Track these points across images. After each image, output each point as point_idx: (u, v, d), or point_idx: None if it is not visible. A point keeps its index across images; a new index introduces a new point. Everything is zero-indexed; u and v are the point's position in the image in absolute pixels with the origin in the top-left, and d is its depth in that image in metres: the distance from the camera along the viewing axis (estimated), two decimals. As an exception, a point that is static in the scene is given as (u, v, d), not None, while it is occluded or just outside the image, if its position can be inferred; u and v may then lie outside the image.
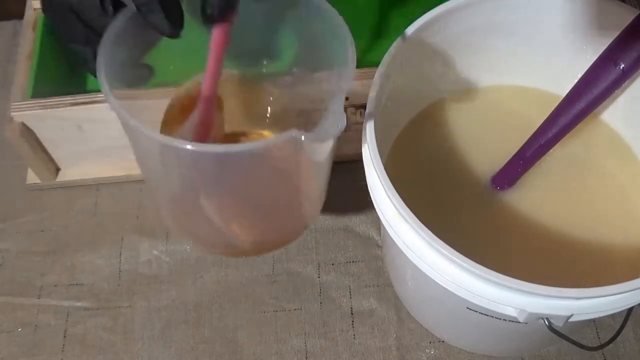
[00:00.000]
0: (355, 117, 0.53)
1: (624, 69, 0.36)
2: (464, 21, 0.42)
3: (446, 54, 0.44)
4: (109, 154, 0.55)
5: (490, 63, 0.46)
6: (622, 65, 0.36)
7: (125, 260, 0.53)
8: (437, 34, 0.42)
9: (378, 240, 0.53)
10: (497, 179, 0.43)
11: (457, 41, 0.44)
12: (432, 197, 0.43)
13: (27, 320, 0.50)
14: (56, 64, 0.58)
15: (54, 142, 0.53)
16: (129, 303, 0.51)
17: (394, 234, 0.36)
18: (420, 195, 0.42)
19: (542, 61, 0.46)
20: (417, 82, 0.45)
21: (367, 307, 0.50)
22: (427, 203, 0.41)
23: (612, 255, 0.41)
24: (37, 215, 0.55)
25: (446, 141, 0.46)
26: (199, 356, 0.49)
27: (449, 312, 0.43)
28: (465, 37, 0.44)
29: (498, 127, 0.46)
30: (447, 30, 0.42)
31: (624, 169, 0.44)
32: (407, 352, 0.48)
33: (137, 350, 0.49)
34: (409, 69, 0.42)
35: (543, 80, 0.47)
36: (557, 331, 0.34)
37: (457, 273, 0.34)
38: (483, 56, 0.45)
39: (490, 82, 0.47)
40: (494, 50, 0.45)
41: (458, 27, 0.43)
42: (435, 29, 0.42)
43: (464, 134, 0.46)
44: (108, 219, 0.55)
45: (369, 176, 0.38)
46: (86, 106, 0.50)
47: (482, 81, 0.47)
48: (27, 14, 0.56)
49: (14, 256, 0.53)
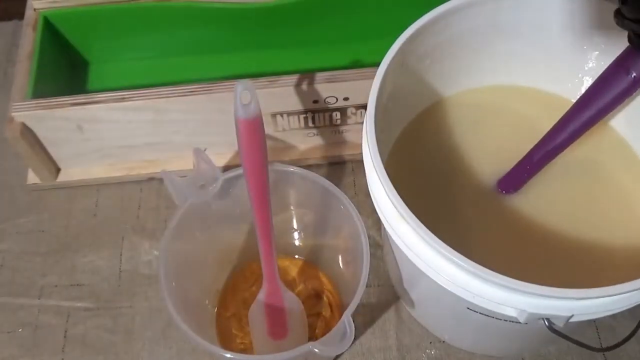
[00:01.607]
0: (355, 117, 0.53)
1: (636, 78, 0.36)
2: (466, 21, 0.42)
3: (447, 54, 0.44)
4: (110, 154, 0.55)
5: (491, 63, 0.46)
6: (633, 73, 0.36)
7: (126, 261, 0.53)
8: (439, 34, 0.42)
9: (379, 240, 0.53)
10: (503, 183, 0.43)
11: (458, 41, 0.43)
12: (433, 197, 0.43)
13: (28, 320, 0.50)
14: (56, 64, 0.58)
15: (54, 142, 0.53)
16: (129, 303, 0.51)
17: (394, 234, 0.36)
18: (421, 195, 0.42)
19: (543, 61, 0.45)
20: (418, 82, 0.44)
21: (368, 307, 0.50)
22: (427, 204, 0.41)
23: (613, 256, 0.41)
24: (37, 215, 0.55)
25: (447, 142, 0.45)
26: (200, 357, 0.49)
27: (449, 312, 0.43)
28: (467, 38, 0.43)
29: (500, 127, 0.46)
30: (448, 30, 0.42)
31: (627, 171, 0.44)
32: (408, 353, 0.48)
33: (138, 350, 0.49)
34: (410, 69, 0.42)
35: (544, 81, 0.47)
36: (558, 331, 0.34)
37: (457, 273, 0.34)
38: (484, 56, 0.45)
39: (492, 82, 0.47)
40: (495, 50, 0.45)
41: (460, 27, 0.42)
42: (437, 29, 0.42)
43: (465, 135, 0.46)
44: (108, 220, 0.55)
45: (369, 176, 0.38)
46: (86, 106, 0.50)
47: (484, 81, 0.47)
48: (27, 14, 0.56)
49: (14, 256, 0.53)
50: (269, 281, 0.44)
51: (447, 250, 0.33)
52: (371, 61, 0.50)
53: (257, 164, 0.37)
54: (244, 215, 0.46)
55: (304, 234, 0.50)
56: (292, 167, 0.44)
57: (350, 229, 0.43)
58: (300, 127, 0.53)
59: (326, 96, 0.51)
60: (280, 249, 0.44)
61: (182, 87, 0.50)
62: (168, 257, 0.42)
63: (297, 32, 0.60)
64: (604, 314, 0.34)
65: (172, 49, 0.61)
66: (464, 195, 0.43)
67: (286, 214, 0.49)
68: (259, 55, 0.61)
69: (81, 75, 0.61)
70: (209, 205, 0.44)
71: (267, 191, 0.39)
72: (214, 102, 0.50)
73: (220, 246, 0.48)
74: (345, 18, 0.59)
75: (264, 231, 0.41)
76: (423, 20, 0.40)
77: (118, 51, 0.61)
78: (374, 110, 0.37)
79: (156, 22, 0.58)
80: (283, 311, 0.46)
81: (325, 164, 0.56)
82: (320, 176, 0.44)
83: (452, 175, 0.44)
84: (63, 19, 0.57)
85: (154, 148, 0.54)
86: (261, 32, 0.59)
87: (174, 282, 0.42)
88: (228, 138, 0.53)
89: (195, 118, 0.52)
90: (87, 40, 0.59)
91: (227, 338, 0.48)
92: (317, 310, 0.49)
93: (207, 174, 0.43)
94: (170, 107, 0.50)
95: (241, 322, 0.48)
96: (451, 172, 0.44)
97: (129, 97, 0.50)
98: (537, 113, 0.46)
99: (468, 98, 0.47)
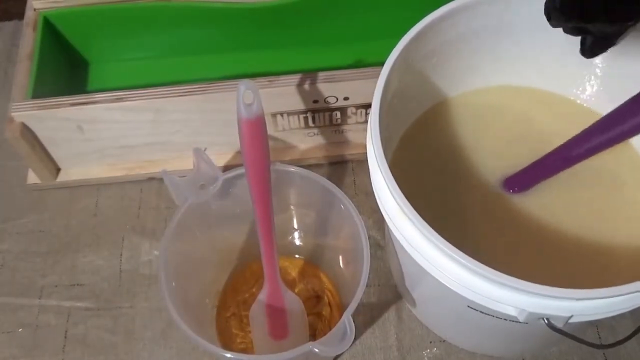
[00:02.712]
0: (356, 117, 0.53)
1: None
2: (473, 20, 0.42)
3: (454, 53, 0.44)
4: (110, 154, 0.55)
5: (498, 64, 0.46)
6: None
7: (126, 261, 0.53)
8: (445, 32, 0.42)
9: (379, 240, 0.53)
10: (511, 183, 0.43)
11: (464, 41, 0.43)
12: (437, 196, 0.43)
13: (28, 320, 0.50)
14: (56, 64, 0.58)
15: (54, 142, 0.53)
16: (129, 303, 0.51)
17: (397, 233, 0.36)
18: (426, 194, 0.42)
19: (549, 62, 0.45)
20: (423, 81, 0.44)
21: (368, 307, 0.50)
22: (431, 202, 0.41)
23: (616, 260, 0.40)
24: (37, 215, 0.55)
25: (452, 141, 0.45)
26: (200, 356, 0.49)
27: (451, 311, 0.43)
28: (473, 37, 0.43)
29: (505, 127, 0.46)
30: (454, 29, 0.42)
31: (633, 175, 0.44)
32: (408, 352, 0.48)
33: (138, 350, 0.49)
34: (416, 68, 0.42)
35: (551, 82, 0.46)
36: (559, 329, 0.34)
37: (458, 271, 0.34)
38: (490, 56, 0.45)
39: (498, 82, 0.47)
40: (501, 50, 0.45)
41: (466, 27, 0.42)
42: (443, 28, 0.41)
43: (470, 134, 0.45)
44: (109, 219, 0.55)
45: (373, 174, 0.38)
46: (86, 106, 0.50)
47: (490, 81, 0.47)
48: (27, 14, 0.56)
49: (14, 257, 0.53)
50: (269, 281, 0.44)
51: (449, 247, 0.33)
52: (372, 61, 0.50)
53: (259, 163, 0.37)
54: (244, 215, 0.46)
55: (304, 233, 0.50)
56: (292, 167, 0.44)
57: (351, 228, 0.43)
58: (300, 126, 0.53)
59: (326, 96, 0.51)
60: (281, 248, 0.44)
61: (182, 87, 0.50)
62: (168, 257, 0.42)
63: (298, 32, 0.60)
64: (603, 315, 0.34)
65: (172, 49, 0.61)
66: (468, 194, 0.43)
67: (286, 214, 0.49)
68: (260, 55, 0.61)
69: (81, 75, 0.61)
70: (209, 205, 0.44)
71: (269, 191, 0.39)
72: (214, 102, 0.50)
73: (220, 246, 0.48)
74: (346, 18, 0.59)
75: (265, 231, 0.41)
76: (429, 19, 0.40)
77: (118, 51, 0.61)
78: (379, 108, 0.37)
79: (156, 22, 0.58)
80: (284, 311, 0.46)
81: (325, 163, 0.56)
82: (321, 176, 0.44)
83: (456, 173, 0.44)
84: (63, 19, 0.57)
85: (154, 148, 0.54)
86: (261, 32, 0.59)
87: (174, 282, 0.42)
88: (228, 138, 0.53)
89: (195, 118, 0.52)
90: (87, 40, 0.59)
91: (228, 338, 0.48)
92: (318, 310, 0.49)
93: (207, 173, 0.43)
94: (170, 107, 0.50)
95: (241, 322, 0.48)
96: (456, 170, 0.44)
97: (129, 97, 0.50)
98: (543, 114, 0.46)
99: (474, 98, 0.47)
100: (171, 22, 0.58)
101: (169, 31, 0.59)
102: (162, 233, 0.43)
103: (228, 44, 0.60)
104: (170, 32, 0.59)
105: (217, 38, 0.60)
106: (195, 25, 0.58)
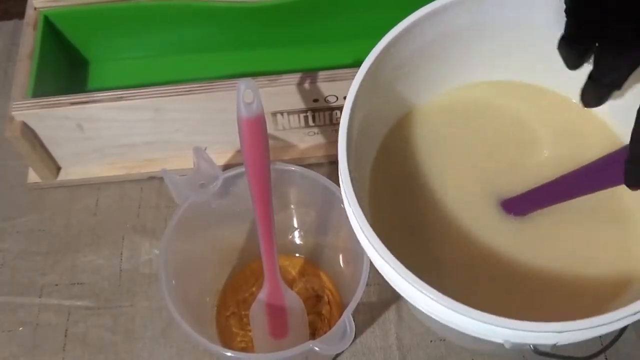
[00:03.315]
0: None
1: None
2: (445, 24, 0.41)
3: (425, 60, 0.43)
4: (110, 153, 0.55)
5: (478, 61, 0.45)
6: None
7: (126, 260, 0.53)
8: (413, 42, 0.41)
9: (379, 239, 0.53)
10: (510, 206, 0.42)
11: (435, 45, 0.42)
12: (417, 217, 0.42)
13: (28, 319, 0.50)
14: (56, 63, 0.58)
15: (55, 141, 0.53)
16: (130, 302, 0.51)
17: (375, 263, 0.36)
18: (406, 215, 0.41)
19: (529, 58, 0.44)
20: (392, 92, 0.43)
21: (368, 305, 0.50)
22: (413, 224, 0.40)
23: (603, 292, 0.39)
24: (37, 214, 0.55)
25: (431, 152, 0.44)
26: (200, 356, 0.49)
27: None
28: (446, 40, 0.42)
29: (484, 130, 0.45)
30: (421, 38, 0.41)
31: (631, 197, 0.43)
32: (408, 351, 0.48)
33: (138, 349, 0.49)
34: (385, 81, 0.41)
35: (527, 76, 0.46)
36: (545, 352, 0.34)
37: (441, 309, 0.34)
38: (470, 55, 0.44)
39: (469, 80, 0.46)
40: (474, 50, 0.44)
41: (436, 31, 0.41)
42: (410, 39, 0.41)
43: (449, 143, 0.44)
44: (109, 219, 0.55)
45: (347, 211, 0.37)
46: (86, 105, 0.50)
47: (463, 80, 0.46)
48: (28, 13, 0.56)
49: (14, 256, 0.53)
50: (270, 280, 0.44)
51: (430, 291, 0.33)
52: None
53: (259, 162, 0.37)
54: (244, 214, 0.46)
55: (305, 232, 0.50)
56: (292, 166, 0.44)
57: (351, 227, 0.43)
58: (300, 125, 0.53)
59: (327, 95, 0.51)
60: (281, 247, 0.44)
61: (182, 86, 0.50)
62: (168, 256, 0.42)
63: (298, 31, 0.60)
64: (589, 336, 0.33)
65: (172, 48, 0.61)
66: (452, 213, 0.42)
67: (287, 213, 0.49)
68: (259, 54, 0.61)
69: (81, 74, 0.61)
70: (209, 204, 0.44)
71: (269, 190, 0.39)
72: (214, 101, 0.50)
73: (220, 245, 0.48)
74: (346, 16, 0.59)
75: (266, 230, 0.41)
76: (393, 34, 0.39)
77: (118, 50, 0.61)
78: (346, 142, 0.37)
79: (156, 21, 0.58)
80: (284, 310, 0.46)
81: (325, 162, 0.56)
82: (321, 175, 0.44)
83: (438, 190, 0.43)
84: (63, 18, 0.57)
85: (154, 147, 0.54)
86: (261, 30, 0.59)
87: (175, 281, 0.42)
88: (228, 137, 0.53)
89: (195, 117, 0.52)
90: (88, 39, 0.59)
91: (228, 337, 0.48)
92: (318, 309, 0.49)
93: (207, 172, 0.43)
94: (170, 106, 0.50)
95: (242, 321, 0.48)
96: (438, 186, 0.43)
97: (129, 96, 0.50)
98: (525, 109, 0.45)
99: (449, 103, 0.46)
100: (171, 21, 0.58)
101: (169, 30, 0.59)
102: (162, 232, 0.43)
103: (228, 43, 0.60)
104: (170, 30, 0.59)
105: (217, 37, 0.60)
106: (195, 23, 0.58)
